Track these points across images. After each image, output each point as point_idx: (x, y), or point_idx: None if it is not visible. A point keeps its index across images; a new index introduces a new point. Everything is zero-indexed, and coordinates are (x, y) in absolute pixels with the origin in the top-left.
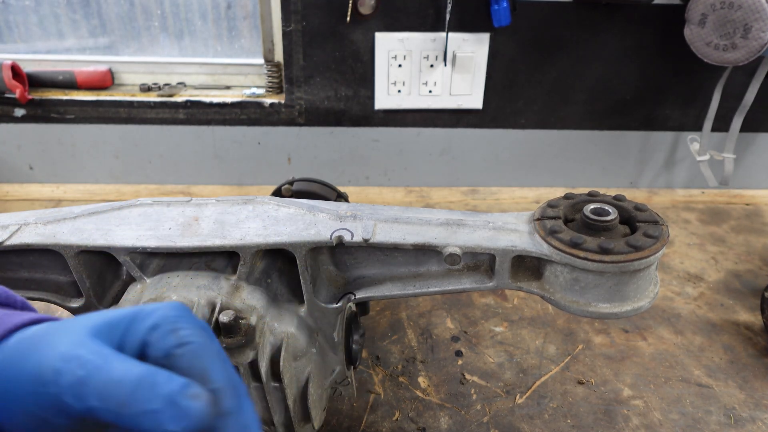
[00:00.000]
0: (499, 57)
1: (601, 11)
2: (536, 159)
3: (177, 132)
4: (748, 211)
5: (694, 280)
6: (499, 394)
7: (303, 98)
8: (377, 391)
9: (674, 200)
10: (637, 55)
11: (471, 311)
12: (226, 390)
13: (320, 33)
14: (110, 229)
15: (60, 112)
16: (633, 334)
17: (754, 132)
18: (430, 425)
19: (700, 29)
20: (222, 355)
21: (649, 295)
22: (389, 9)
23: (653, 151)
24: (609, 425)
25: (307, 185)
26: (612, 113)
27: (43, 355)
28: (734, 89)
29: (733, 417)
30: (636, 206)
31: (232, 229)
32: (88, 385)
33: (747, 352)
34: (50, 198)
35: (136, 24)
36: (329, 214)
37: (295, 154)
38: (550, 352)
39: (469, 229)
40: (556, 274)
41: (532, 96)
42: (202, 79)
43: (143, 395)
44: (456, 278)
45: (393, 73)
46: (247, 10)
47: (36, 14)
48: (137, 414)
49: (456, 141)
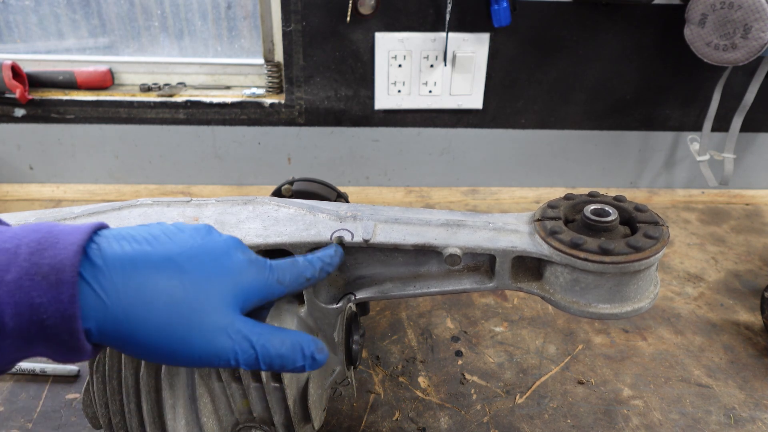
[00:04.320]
0: (499, 57)
1: (601, 11)
2: (536, 159)
3: (177, 132)
4: (748, 211)
5: (694, 280)
6: (499, 394)
7: (303, 98)
8: (377, 391)
9: (674, 200)
10: (637, 55)
11: (471, 311)
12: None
13: (320, 33)
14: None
15: (60, 112)
16: (633, 334)
17: (754, 132)
18: (430, 425)
19: (700, 29)
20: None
21: (649, 295)
22: (389, 9)
23: (653, 151)
24: (609, 425)
25: (307, 185)
26: (612, 113)
27: (208, 333)
28: (734, 89)
29: (733, 417)
30: (636, 207)
31: (232, 230)
32: (259, 359)
33: (747, 352)
34: (50, 198)
35: (136, 24)
36: (329, 215)
37: (295, 154)
38: (550, 352)
39: (470, 229)
40: (556, 275)
41: (532, 96)
42: (202, 79)
43: (295, 358)
44: (456, 279)
45: (393, 73)
46: (247, 10)
47: (36, 14)
48: (290, 369)
49: (456, 141)
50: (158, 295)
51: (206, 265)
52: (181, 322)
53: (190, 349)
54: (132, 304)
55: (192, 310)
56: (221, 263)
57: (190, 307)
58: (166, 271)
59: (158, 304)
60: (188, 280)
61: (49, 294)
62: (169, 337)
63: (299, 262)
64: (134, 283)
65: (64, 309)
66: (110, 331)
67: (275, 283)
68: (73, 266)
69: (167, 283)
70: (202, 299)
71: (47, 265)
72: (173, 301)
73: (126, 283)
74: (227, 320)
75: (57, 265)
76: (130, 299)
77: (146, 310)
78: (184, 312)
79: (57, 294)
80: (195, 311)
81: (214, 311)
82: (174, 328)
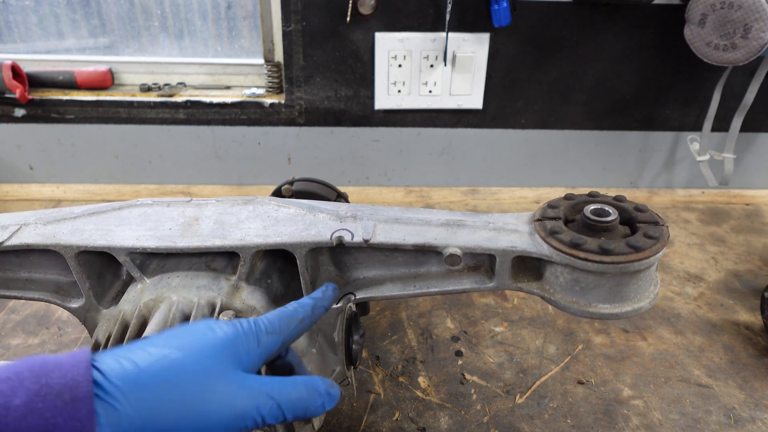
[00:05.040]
0: (499, 57)
1: (601, 11)
2: (536, 159)
3: (177, 132)
4: (748, 211)
5: (694, 280)
6: (499, 394)
7: (303, 98)
8: (377, 391)
9: (674, 200)
10: (637, 55)
11: (471, 311)
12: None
13: (320, 33)
14: (110, 229)
15: (60, 112)
16: (633, 334)
17: (754, 132)
18: (430, 425)
19: (700, 29)
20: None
21: (649, 295)
22: (389, 9)
23: (653, 151)
24: (609, 425)
25: (307, 185)
26: (612, 113)
27: (218, 399)
28: (734, 89)
29: (733, 417)
30: (636, 207)
31: (232, 230)
32: (283, 408)
33: (747, 352)
34: (50, 198)
35: (136, 24)
36: (329, 215)
37: (295, 154)
38: (550, 352)
39: (470, 229)
40: (556, 275)
41: (532, 96)
42: (202, 79)
43: (315, 399)
44: (456, 279)
45: (393, 73)
46: (247, 10)
47: (36, 14)
48: (312, 411)
49: (456, 141)
50: (168, 394)
51: (196, 349)
52: (196, 404)
53: (214, 423)
54: (144, 407)
55: (203, 389)
56: (207, 340)
57: (200, 388)
58: (166, 373)
59: (171, 403)
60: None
61: (65, 412)
62: (191, 424)
63: (288, 308)
64: (142, 393)
65: (81, 426)
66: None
67: (266, 335)
68: (87, 382)
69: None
70: (208, 375)
71: (58, 384)
72: (183, 392)
73: (133, 392)
74: (238, 383)
75: (69, 383)
76: (140, 404)
77: (159, 409)
78: (195, 395)
79: (74, 411)
80: (206, 388)
81: (223, 381)
82: (194, 415)
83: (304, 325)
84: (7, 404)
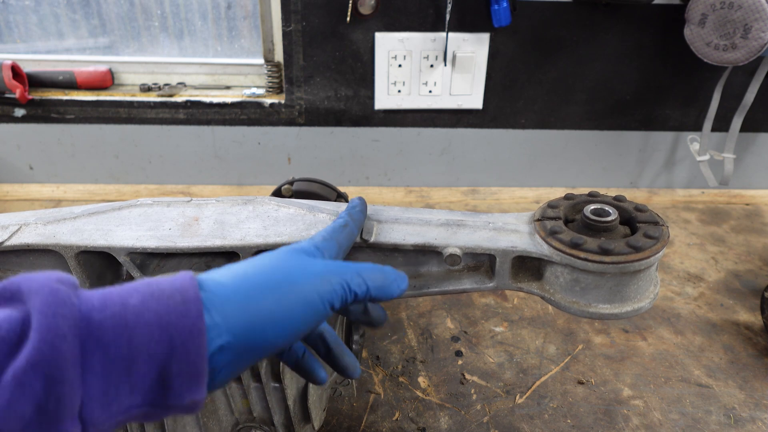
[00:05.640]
0: (499, 57)
1: (601, 11)
2: (536, 159)
3: (177, 132)
4: (748, 211)
5: (694, 280)
6: (499, 394)
7: (303, 98)
8: (377, 391)
9: (674, 200)
10: (637, 55)
11: (471, 311)
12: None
13: (320, 33)
14: (110, 229)
15: (60, 112)
16: (633, 334)
17: (754, 132)
18: (430, 425)
19: (700, 29)
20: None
21: (649, 295)
22: (389, 9)
23: (653, 151)
24: (609, 425)
25: (307, 185)
26: (612, 113)
27: (311, 273)
28: (734, 89)
29: (733, 417)
30: (636, 207)
31: (232, 230)
32: (367, 284)
33: (747, 352)
34: (50, 198)
35: (136, 24)
36: (329, 215)
37: (295, 154)
38: (550, 352)
39: (470, 229)
40: (556, 275)
41: (532, 96)
42: (202, 79)
43: (393, 280)
44: (456, 279)
45: (393, 73)
46: (247, 10)
47: (36, 14)
48: (391, 291)
49: (456, 141)
50: (265, 283)
51: (276, 254)
52: (289, 286)
53: (308, 307)
54: (244, 300)
55: (295, 271)
56: (281, 250)
57: (291, 271)
58: (262, 275)
59: (268, 291)
60: (275, 263)
61: (177, 311)
62: (287, 306)
63: (330, 224)
64: (241, 297)
65: (191, 324)
66: (230, 344)
67: (322, 242)
68: (194, 287)
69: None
70: (298, 261)
71: (168, 288)
72: (276, 281)
73: (233, 298)
74: (324, 263)
75: (178, 287)
76: (242, 308)
77: (259, 307)
78: (286, 283)
79: (185, 310)
80: (297, 269)
81: (311, 263)
82: (287, 299)
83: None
84: (125, 303)
